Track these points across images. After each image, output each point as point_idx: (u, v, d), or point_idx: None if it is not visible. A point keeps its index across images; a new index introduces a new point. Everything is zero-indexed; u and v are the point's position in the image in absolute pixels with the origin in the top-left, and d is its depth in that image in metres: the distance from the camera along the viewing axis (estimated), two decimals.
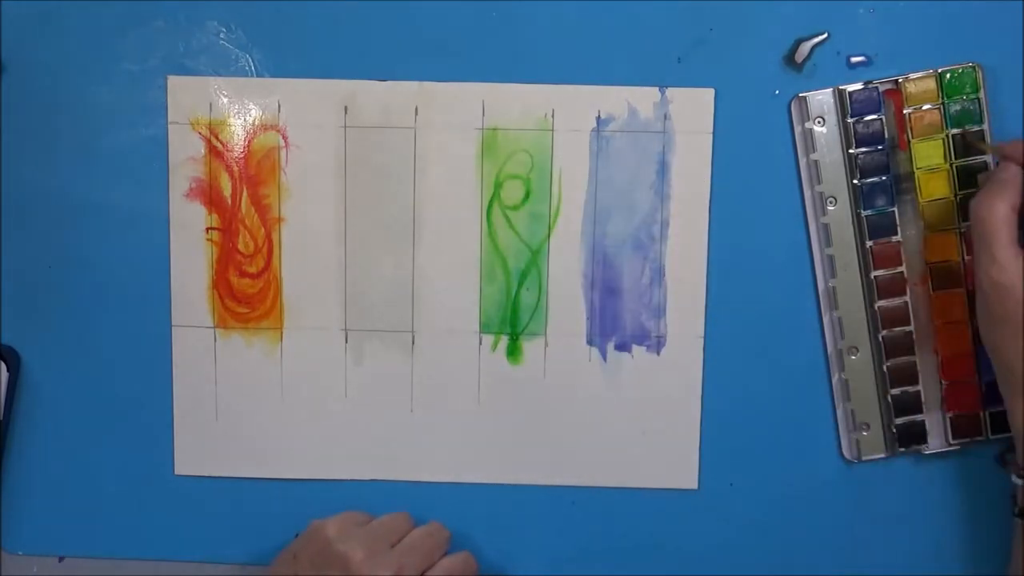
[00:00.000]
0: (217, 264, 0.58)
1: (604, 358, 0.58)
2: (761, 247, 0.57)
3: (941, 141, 0.55)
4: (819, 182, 0.56)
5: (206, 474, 0.59)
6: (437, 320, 0.58)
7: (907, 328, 0.56)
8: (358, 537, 0.53)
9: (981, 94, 0.55)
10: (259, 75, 0.57)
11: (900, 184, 0.56)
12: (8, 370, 0.58)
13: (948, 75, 0.55)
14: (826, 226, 0.56)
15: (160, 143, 0.57)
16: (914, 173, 0.56)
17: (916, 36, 0.55)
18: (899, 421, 0.57)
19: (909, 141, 0.55)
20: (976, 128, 0.55)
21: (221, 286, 0.58)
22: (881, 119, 0.55)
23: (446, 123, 0.57)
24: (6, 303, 0.58)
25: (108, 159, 0.57)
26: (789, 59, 0.56)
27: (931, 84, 0.55)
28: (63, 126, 0.57)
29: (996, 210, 0.49)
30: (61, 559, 0.60)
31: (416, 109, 0.57)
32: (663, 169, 0.57)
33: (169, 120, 0.57)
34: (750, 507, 0.58)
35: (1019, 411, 0.50)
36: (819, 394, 0.58)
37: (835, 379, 0.58)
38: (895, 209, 0.56)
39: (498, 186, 0.57)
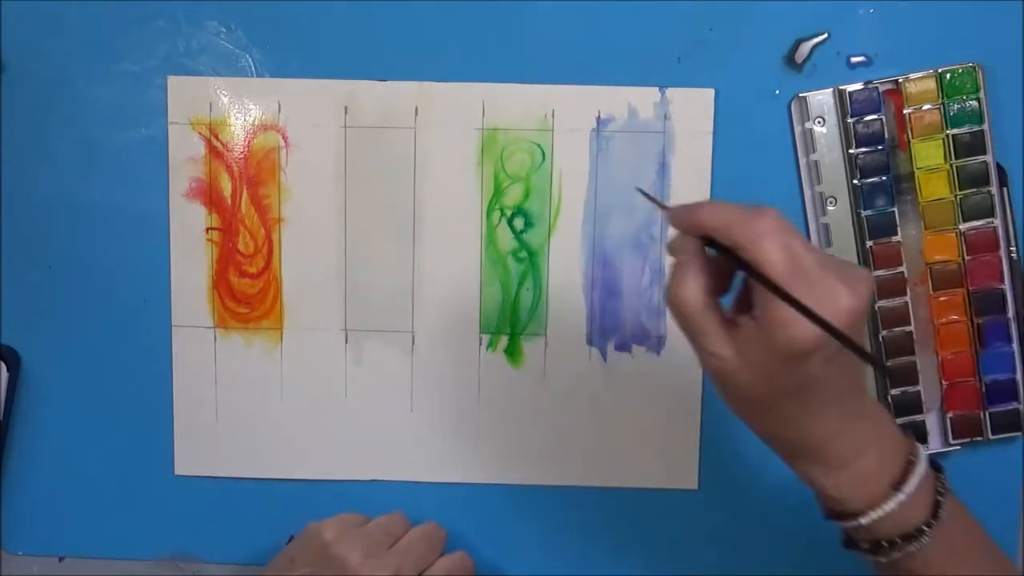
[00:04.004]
0: (217, 264, 0.58)
1: (604, 358, 0.58)
2: None
3: (941, 141, 0.55)
4: (819, 182, 0.56)
5: (206, 474, 0.59)
6: (437, 320, 0.58)
7: (907, 328, 0.56)
8: (355, 539, 0.53)
9: (981, 94, 0.55)
10: (259, 75, 0.57)
11: (900, 184, 0.56)
12: (8, 370, 0.58)
13: (948, 75, 0.55)
14: (826, 226, 0.56)
15: (160, 143, 0.57)
16: (914, 173, 0.56)
17: (916, 36, 0.55)
18: (899, 421, 0.57)
19: (909, 141, 0.55)
20: (976, 128, 0.55)
21: (221, 286, 0.58)
22: (881, 119, 0.55)
23: (446, 123, 0.57)
24: (6, 303, 0.58)
25: (108, 159, 0.57)
26: (789, 59, 0.56)
27: (931, 84, 0.55)
28: (63, 126, 0.57)
29: (688, 299, 0.42)
30: (61, 559, 0.60)
31: (416, 109, 0.57)
32: (663, 169, 0.57)
33: (169, 120, 0.57)
34: (750, 507, 0.58)
35: (810, 477, 0.45)
36: None
37: None
38: (895, 209, 0.56)
39: (498, 186, 0.57)
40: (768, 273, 0.40)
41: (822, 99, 0.56)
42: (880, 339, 0.56)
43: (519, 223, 0.57)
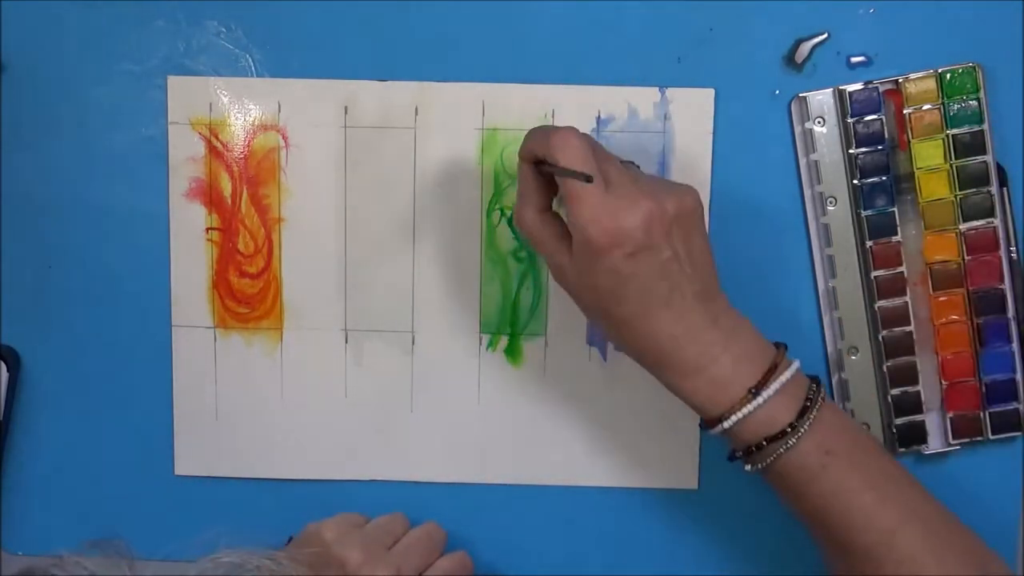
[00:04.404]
0: (217, 264, 0.58)
1: (604, 358, 0.58)
2: (761, 247, 0.57)
3: (941, 141, 0.55)
4: (819, 182, 0.56)
5: (206, 474, 0.59)
6: (437, 320, 0.58)
7: (907, 328, 0.56)
8: (355, 539, 0.53)
9: (981, 94, 0.55)
10: (259, 75, 0.57)
11: (900, 184, 0.56)
12: (8, 370, 0.58)
13: (948, 75, 0.55)
14: (826, 226, 0.56)
15: (160, 143, 0.57)
16: (914, 173, 0.56)
17: (916, 36, 0.55)
18: (899, 421, 0.57)
19: (909, 141, 0.55)
20: (976, 128, 0.55)
21: (221, 286, 0.58)
22: (881, 119, 0.55)
23: (446, 123, 0.57)
24: (6, 303, 0.58)
25: (108, 159, 0.57)
26: (789, 59, 0.56)
27: (931, 84, 0.55)
28: (63, 126, 0.57)
29: (526, 219, 0.49)
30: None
31: (416, 109, 0.57)
32: (663, 169, 0.57)
33: (169, 120, 0.57)
34: (750, 507, 0.58)
35: (671, 384, 0.49)
36: None
37: (835, 379, 0.58)
38: (895, 209, 0.56)
39: (498, 186, 0.57)
40: (565, 175, 0.46)
41: (822, 99, 0.56)
42: (880, 339, 0.56)
43: None
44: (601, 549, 0.59)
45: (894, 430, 0.57)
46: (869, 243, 0.56)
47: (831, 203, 0.56)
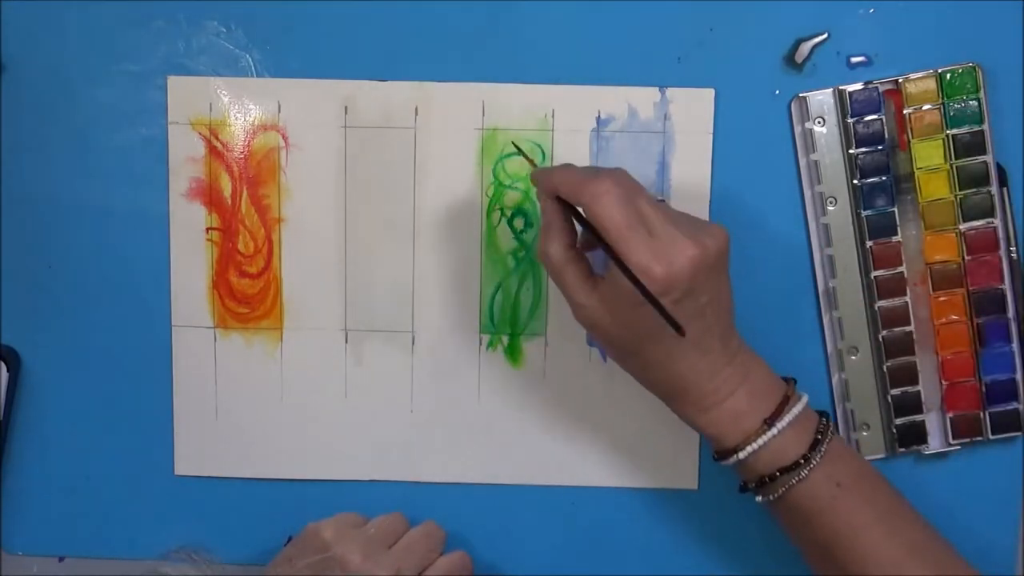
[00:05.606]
0: (217, 264, 0.58)
1: (604, 358, 0.58)
2: (761, 247, 0.57)
3: (941, 141, 0.55)
4: (819, 182, 0.56)
5: (206, 474, 0.59)
6: (437, 320, 0.58)
7: (907, 328, 0.56)
8: (355, 539, 0.53)
9: (981, 94, 0.55)
10: (259, 75, 0.57)
11: (900, 184, 0.56)
12: (8, 370, 0.58)
13: (948, 75, 0.55)
14: (826, 226, 0.56)
15: (160, 143, 0.57)
16: (914, 173, 0.56)
17: (916, 36, 0.55)
18: (899, 421, 0.57)
19: (909, 141, 0.55)
20: (976, 128, 0.55)
21: (221, 286, 0.58)
22: (881, 119, 0.55)
23: (446, 123, 0.57)
24: (6, 303, 0.58)
25: (108, 159, 0.57)
26: (789, 59, 0.56)
27: (931, 84, 0.55)
28: (63, 126, 0.57)
29: (551, 255, 0.48)
30: (61, 559, 0.60)
31: (416, 109, 0.57)
32: (663, 169, 0.57)
33: (169, 120, 0.57)
34: (750, 507, 0.58)
35: (687, 416, 0.50)
36: (819, 394, 0.58)
37: (835, 379, 0.58)
38: (895, 209, 0.56)
39: (498, 186, 0.57)
40: (605, 227, 0.45)
41: (822, 99, 0.56)
42: (880, 339, 0.56)
43: (519, 223, 0.57)
44: (601, 549, 0.59)
45: (894, 430, 0.57)
46: (869, 243, 0.56)
47: (831, 203, 0.56)
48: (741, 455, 0.49)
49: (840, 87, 0.55)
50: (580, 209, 0.47)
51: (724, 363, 0.49)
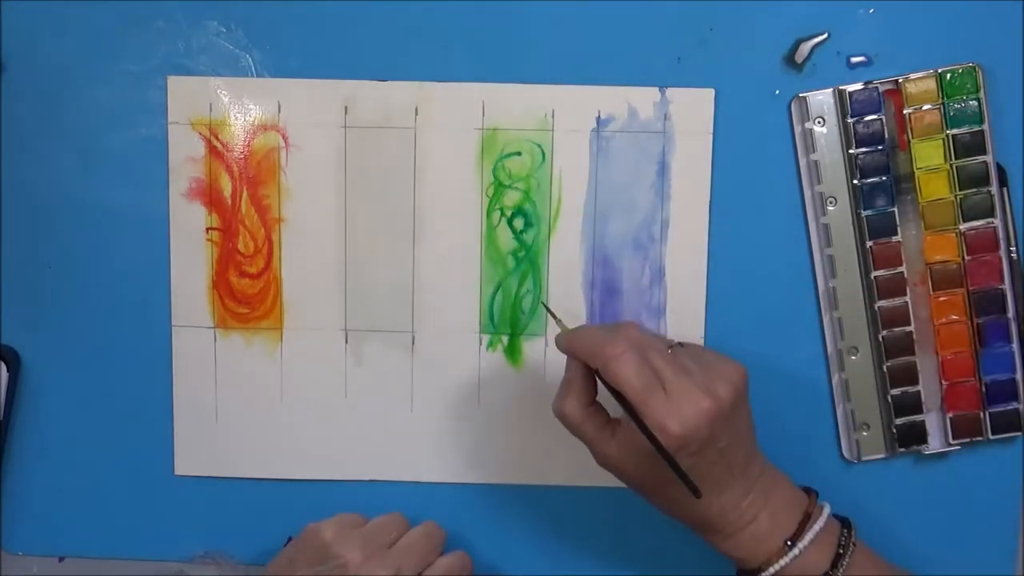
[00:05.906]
0: (217, 264, 0.58)
1: None
2: (761, 247, 0.57)
3: (941, 141, 0.55)
4: (819, 182, 0.56)
5: (206, 474, 0.59)
6: (437, 320, 0.58)
7: (907, 328, 0.56)
8: (355, 539, 0.53)
9: (981, 94, 0.55)
10: (259, 75, 0.57)
11: (900, 184, 0.56)
12: (8, 370, 0.58)
13: (948, 75, 0.55)
14: (826, 226, 0.56)
15: (160, 143, 0.57)
16: (914, 173, 0.56)
17: (916, 36, 0.55)
18: (899, 421, 0.57)
19: (909, 141, 0.55)
20: (976, 128, 0.55)
21: (221, 286, 0.58)
22: (881, 119, 0.55)
23: (446, 123, 0.57)
24: (6, 303, 0.58)
25: (108, 159, 0.57)
26: (789, 59, 0.56)
27: (931, 84, 0.55)
28: (63, 126, 0.57)
29: (568, 412, 0.50)
30: (61, 559, 0.60)
31: (416, 109, 0.57)
32: (663, 169, 0.57)
33: (169, 120, 0.57)
34: None
35: (711, 543, 0.51)
36: (819, 394, 0.58)
37: (835, 379, 0.58)
38: (895, 209, 0.56)
39: (498, 186, 0.57)
40: (622, 389, 0.47)
41: (822, 99, 0.56)
42: (880, 339, 0.56)
43: (519, 223, 0.57)
44: (601, 549, 0.59)
45: (894, 430, 0.57)
46: (869, 243, 0.56)
47: (831, 203, 0.56)
48: (763, 575, 0.50)
49: (840, 87, 0.55)
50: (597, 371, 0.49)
51: (745, 492, 0.50)
